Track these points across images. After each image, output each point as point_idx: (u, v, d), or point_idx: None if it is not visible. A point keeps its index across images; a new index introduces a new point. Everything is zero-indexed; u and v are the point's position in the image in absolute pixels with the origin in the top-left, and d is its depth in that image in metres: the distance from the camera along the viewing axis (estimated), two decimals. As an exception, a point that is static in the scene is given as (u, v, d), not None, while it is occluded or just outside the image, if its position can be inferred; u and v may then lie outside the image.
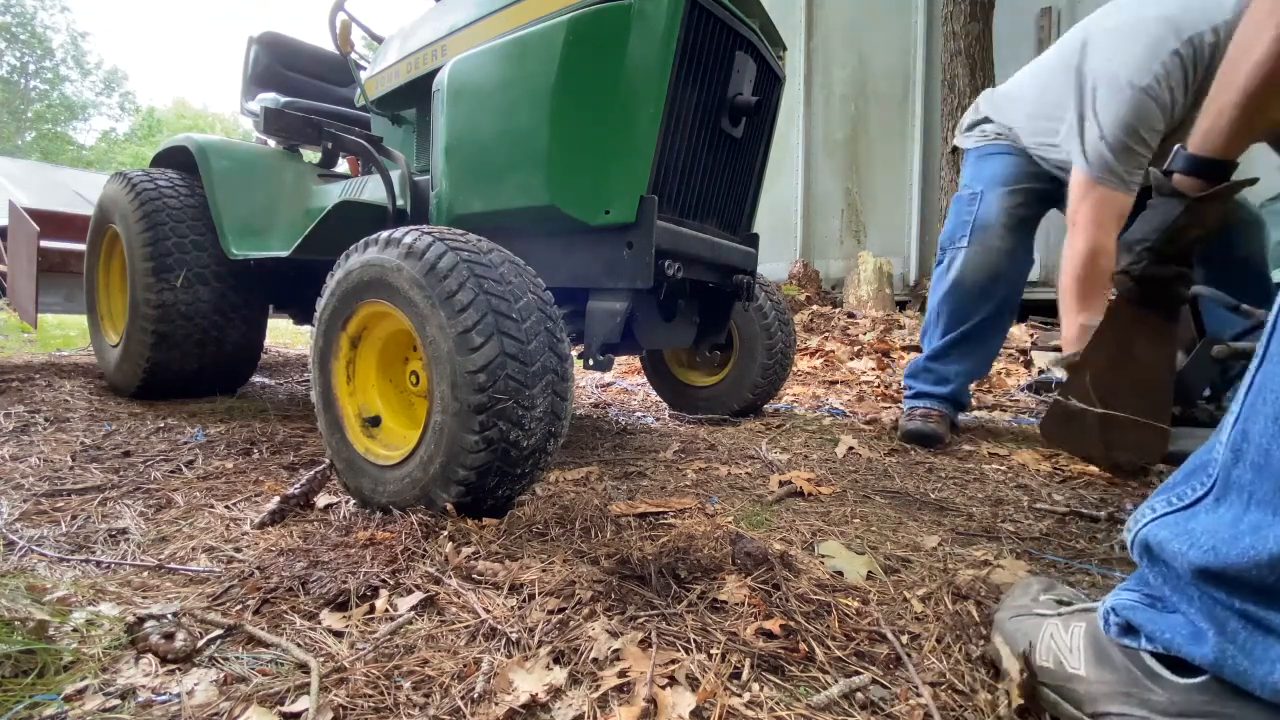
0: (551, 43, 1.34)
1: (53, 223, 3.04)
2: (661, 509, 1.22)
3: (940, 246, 1.99)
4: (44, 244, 2.80)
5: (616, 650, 0.72)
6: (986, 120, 1.95)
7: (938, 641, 0.75)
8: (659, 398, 2.55)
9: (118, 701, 0.64)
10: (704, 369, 2.40)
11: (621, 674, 0.68)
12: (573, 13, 1.33)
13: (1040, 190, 1.82)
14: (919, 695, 0.66)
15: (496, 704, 0.64)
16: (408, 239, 1.13)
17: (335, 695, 0.65)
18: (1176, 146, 1.03)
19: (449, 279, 1.06)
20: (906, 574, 0.97)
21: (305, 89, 2.68)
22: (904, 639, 0.76)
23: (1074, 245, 1.47)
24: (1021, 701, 0.62)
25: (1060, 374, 1.26)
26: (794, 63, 5.64)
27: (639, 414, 2.40)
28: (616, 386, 3.10)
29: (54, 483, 1.34)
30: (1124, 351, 0.96)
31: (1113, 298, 1.02)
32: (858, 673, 0.70)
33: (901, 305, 4.94)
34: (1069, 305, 1.45)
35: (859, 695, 0.67)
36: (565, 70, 1.32)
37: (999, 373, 3.06)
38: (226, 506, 1.24)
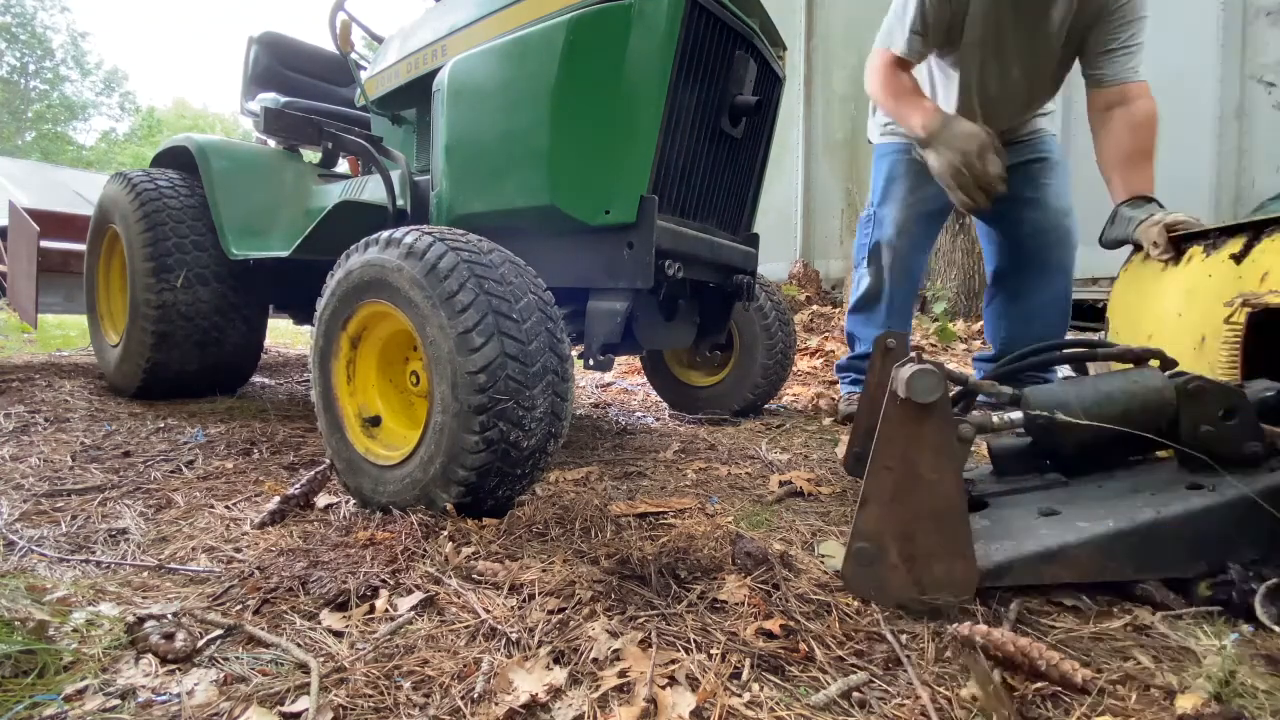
0: (552, 42, 1.34)
1: (53, 223, 3.04)
2: (661, 509, 1.22)
3: (854, 262, 2.20)
4: (44, 244, 2.80)
5: (616, 650, 0.73)
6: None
7: (935, 639, 0.75)
8: (659, 398, 2.55)
9: (118, 701, 0.64)
10: (704, 369, 2.40)
11: (621, 674, 0.68)
12: (573, 13, 1.33)
13: (934, 194, 1.98)
14: (917, 695, 0.66)
15: (496, 704, 0.64)
16: (408, 239, 1.13)
17: (335, 695, 0.65)
18: None
19: (449, 279, 1.06)
20: (906, 574, 0.97)
21: (305, 89, 2.68)
22: (903, 638, 0.76)
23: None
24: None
25: None
26: (794, 63, 5.64)
27: (639, 414, 2.40)
28: (616, 386, 3.10)
29: (54, 483, 1.34)
30: (909, 473, 0.82)
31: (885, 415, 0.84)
32: (854, 671, 0.70)
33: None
34: (900, 107, 1.78)
35: (856, 695, 0.67)
36: (566, 70, 1.32)
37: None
38: (226, 506, 1.24)
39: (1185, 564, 0.85)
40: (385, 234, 1.18)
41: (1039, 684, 0.67)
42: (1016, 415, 0.99)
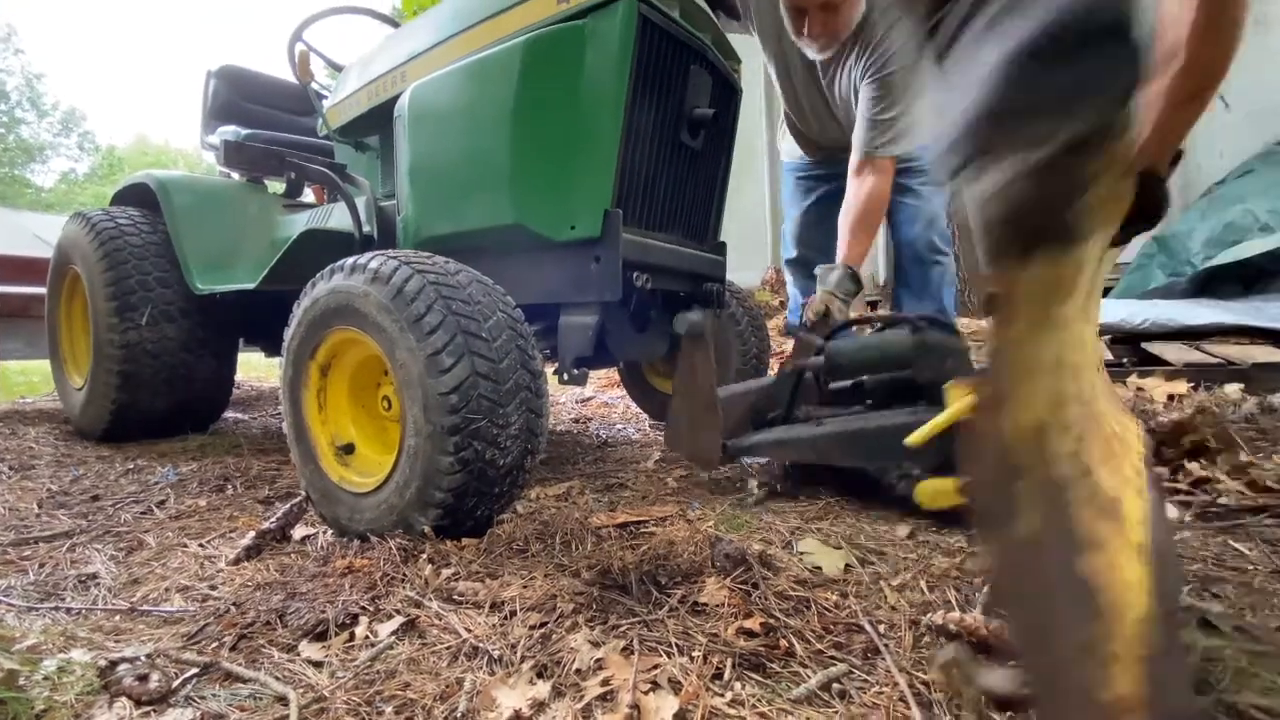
0: (509, 64, 1.36)
1: (11, 267, 2.98)
2: (642, 518, 1.22)
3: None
4: (3, 289, 2.74)
5: (599, 660, 0.73)
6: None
7: (912, 626, 0.77)
8: (639, 409, 2.56)
9: (91, 748, 0.63)
10: (681, 378, 2.41)
11: (604, 683, 0.69)
12: (529, 34, 1.35)
13: (820, 191, 2.20)
14: (895, 681, 0.67)
15: (479, 721, 0.64)
16: (373, 264, 1.13)
17: (316, 725, 0.64)
18: None
19: (416, 302, 1.06)
20: (882, 565, 0.98)
21: (266, 120, 2.67)
22: (881, 628, 0.78)
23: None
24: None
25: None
26: (756, 71, 5.74)
27: (620, 426, 2.41)
28: (597, 400, 3.10)
29: (20, 531, 1.30)
30: (688, 384, 1.41)
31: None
32: (834, 663, 0.71)
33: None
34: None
35: (836, 686, 0.68)
36: (524, 90, 1.34)
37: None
38: (200, 545, 1.21)
39: (872, 460, 1.25)
40: (350, 260, 1.18)
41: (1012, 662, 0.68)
42: (819, 360, 1.41)
